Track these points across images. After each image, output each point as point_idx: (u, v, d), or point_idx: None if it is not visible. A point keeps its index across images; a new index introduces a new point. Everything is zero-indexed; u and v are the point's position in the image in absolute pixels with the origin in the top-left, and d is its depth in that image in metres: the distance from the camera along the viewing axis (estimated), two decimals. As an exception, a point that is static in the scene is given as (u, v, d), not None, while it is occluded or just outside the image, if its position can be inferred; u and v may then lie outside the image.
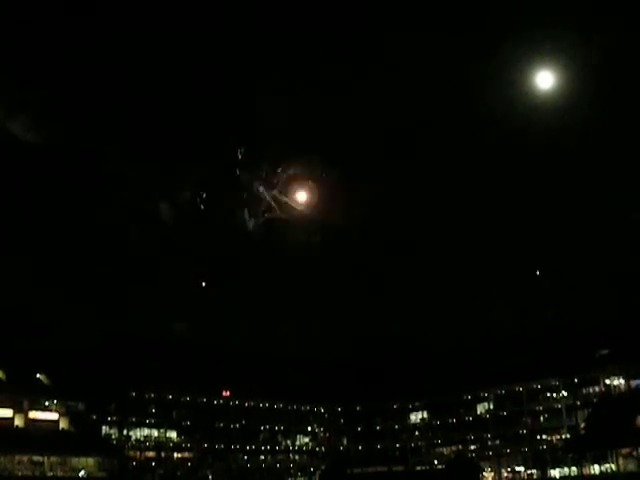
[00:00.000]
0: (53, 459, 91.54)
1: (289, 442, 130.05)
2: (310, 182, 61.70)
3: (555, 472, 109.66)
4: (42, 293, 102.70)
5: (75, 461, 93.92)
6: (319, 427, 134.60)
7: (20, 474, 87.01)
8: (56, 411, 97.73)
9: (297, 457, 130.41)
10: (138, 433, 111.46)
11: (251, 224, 74.14)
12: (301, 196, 64.33)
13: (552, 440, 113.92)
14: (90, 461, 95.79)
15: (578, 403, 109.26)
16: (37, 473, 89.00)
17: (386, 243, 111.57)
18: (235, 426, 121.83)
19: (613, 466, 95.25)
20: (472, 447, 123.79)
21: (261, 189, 72.94)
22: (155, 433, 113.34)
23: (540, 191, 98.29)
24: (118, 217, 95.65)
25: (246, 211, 75.53)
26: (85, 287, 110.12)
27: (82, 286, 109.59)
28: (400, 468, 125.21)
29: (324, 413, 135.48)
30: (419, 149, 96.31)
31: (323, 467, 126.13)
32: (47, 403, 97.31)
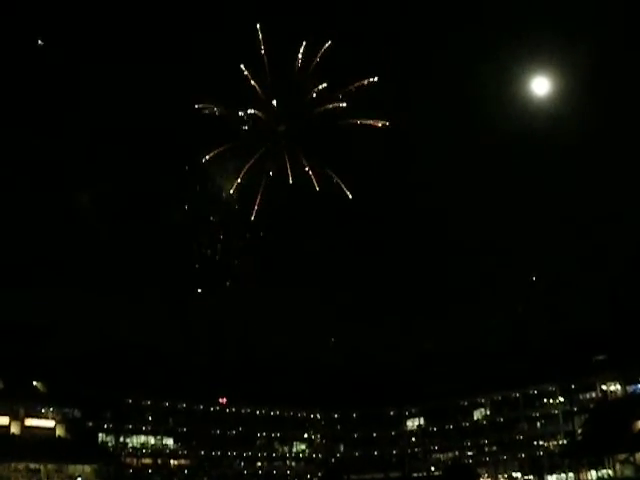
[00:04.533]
0: (49, 466, 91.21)
1: (286, 449, 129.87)
2: None
3: (552, 478, 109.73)
4: (39, 300, 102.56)
5: (71, 468, 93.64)
6: (316, 434, 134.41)
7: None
8: (52, 418, 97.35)
9: (294, 464, 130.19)
10: (134, 440, 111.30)
11: None
12: None
13: (549, 446, 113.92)
14: (86, 468, 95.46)
15: (575, 409, 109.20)
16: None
17: (384, 249, 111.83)
18: (232, 433, 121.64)
19: (610, 472, 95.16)
20: (469, 453, 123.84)
21: None
22: (152, 440, 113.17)
23: (536, 197, 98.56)
24: (114, 223, 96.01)
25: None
26: (82, 294, 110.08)
27: (78, 294, 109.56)
28: (397, 474, 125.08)
29: (321, 420, 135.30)
30: (416, 153, 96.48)
31: (320, 474, 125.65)
32: (43, 410, 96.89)
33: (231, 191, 79.77)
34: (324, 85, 74.08)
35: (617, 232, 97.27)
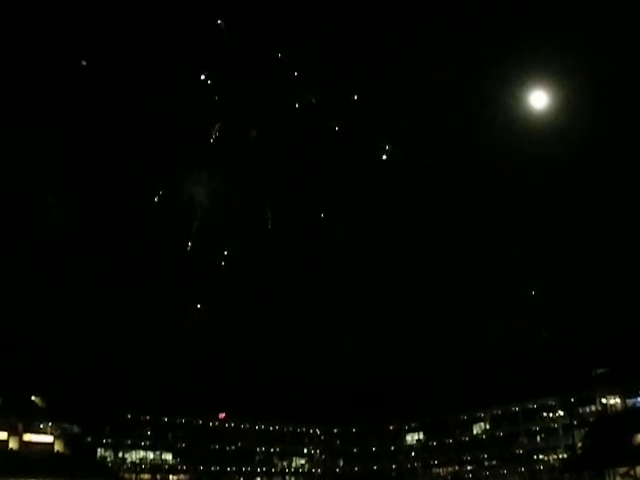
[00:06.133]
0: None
1: (285, 464, 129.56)
2: None
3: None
4: (37, 315, 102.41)
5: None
6: (315, 449, 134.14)
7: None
8: (51, 434, 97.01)
9: (293, 479, 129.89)
10: (133, 455, 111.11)
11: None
12: None
13: (549, 460, 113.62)
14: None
15: (575, 422, 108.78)
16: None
17: (382, 265, 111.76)
18: (231, 448, 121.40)
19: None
20: (469, 468, 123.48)
21: None
22: (150, 455, 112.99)
23: (535, 209, 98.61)
24: (115, 235, 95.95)
25: None
26: (80, 308, 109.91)
27: (77, 307, 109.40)
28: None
29: (320, 435, 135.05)
30: (413, 166, 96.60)
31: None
32: (42, 426, 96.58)
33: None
34: (312, 100, 71.26)
35: (618, 244, 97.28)
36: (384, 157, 72.79)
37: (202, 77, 63.48)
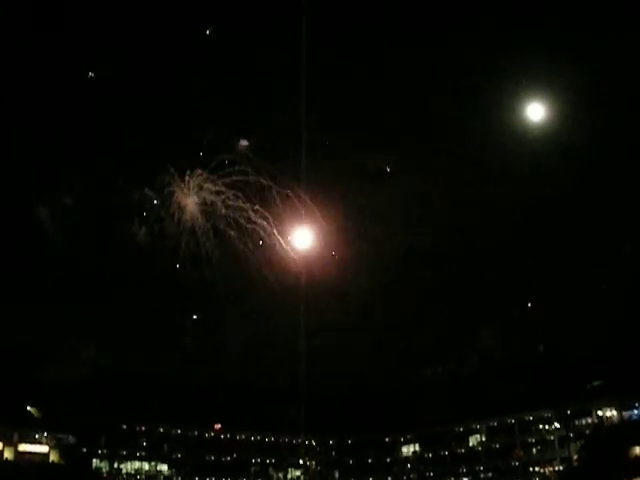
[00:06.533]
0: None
1: (280, 475, 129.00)
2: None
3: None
4: (33, 326, 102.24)
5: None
6: (311, 460, 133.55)
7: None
8: (46, 444, 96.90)
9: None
10: (129, 466, 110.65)
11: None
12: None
13: (545, 472, 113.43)
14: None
15: (571, 434, 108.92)
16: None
17: (377, 272, 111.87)
18: (226, 459, 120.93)
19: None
20: (464, 479, 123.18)
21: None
22: (146, 466, 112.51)
23: (532, 222, 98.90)
24: (113, 249, 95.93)
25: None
26: (77, 321, 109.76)
27: (74, 320, 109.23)
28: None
29: (316, 446, 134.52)
30: (410, 182, 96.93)
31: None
32: (37, 436, 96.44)
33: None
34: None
35: (616, 258, 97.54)
36: (381, 169, 73.22)
37: (193, 85, 63.87)
